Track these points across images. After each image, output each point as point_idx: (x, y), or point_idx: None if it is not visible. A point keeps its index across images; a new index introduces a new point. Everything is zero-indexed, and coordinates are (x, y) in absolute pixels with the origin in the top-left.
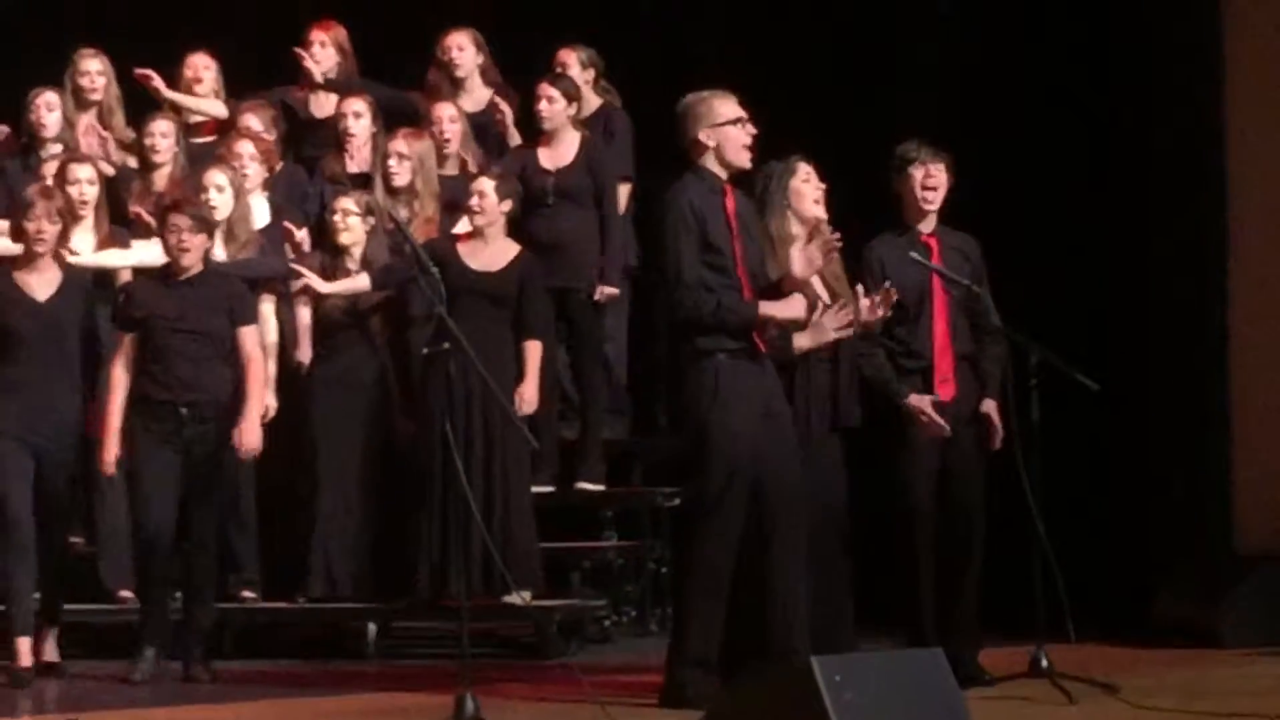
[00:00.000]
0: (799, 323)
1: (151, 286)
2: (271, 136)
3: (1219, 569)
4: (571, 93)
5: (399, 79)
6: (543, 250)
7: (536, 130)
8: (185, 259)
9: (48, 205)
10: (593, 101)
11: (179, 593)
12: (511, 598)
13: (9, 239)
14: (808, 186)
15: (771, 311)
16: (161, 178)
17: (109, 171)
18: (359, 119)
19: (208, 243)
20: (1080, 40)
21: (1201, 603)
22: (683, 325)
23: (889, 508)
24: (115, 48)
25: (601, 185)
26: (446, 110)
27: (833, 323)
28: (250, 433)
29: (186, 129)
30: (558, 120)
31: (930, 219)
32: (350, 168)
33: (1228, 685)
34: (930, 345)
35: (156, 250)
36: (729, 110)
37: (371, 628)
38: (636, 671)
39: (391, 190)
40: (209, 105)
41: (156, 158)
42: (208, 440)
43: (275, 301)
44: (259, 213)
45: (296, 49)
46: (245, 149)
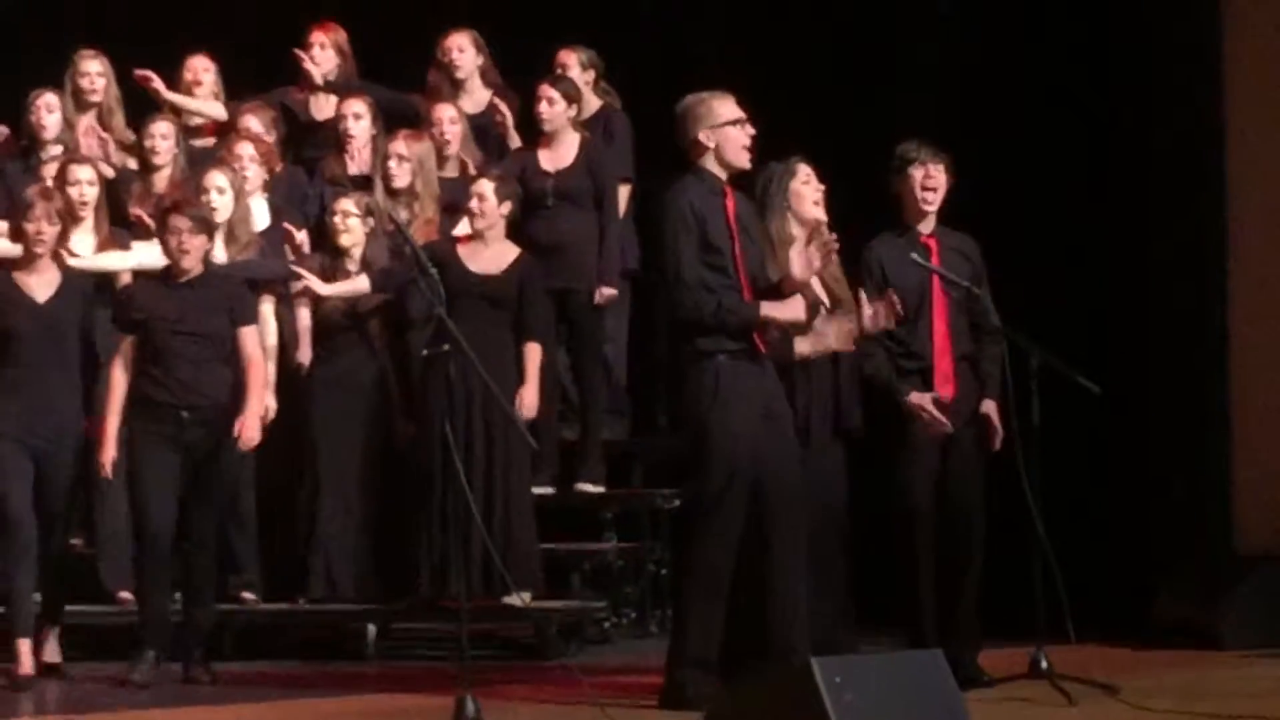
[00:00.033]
0: (799, 325)
1: (151, 288)
2: (271, 138)
3: (1219, 570)
4: (572, 94)
5: (399, 81)
6: (543, 252)
7: (536, 132)
8: (185, 261)
9: (47, 206)
10: (593, 103)
11: (179, 594)
12: (511, 599)
13: (8, 240)
14: (807, 188)
15: (772, 313)
16: (161, 179)
17: (109, 173)
18: (359, 120)
19: (208, 244)
20: (1080, 40)
21: (1201, 604)
22: (683, 326)
23: (889, 508)
24: (115, 49)
25: (601, 187)
26: (447, 112)
27: (835, 334)
28: (250, 427)
29: (186, 131)
30: (558, 122)
31: (930, 219)
32: (350, 169)
33: (1228, 686)
34: (930, 346)
35: (156, 252)
36: (728, 111)
37: (371, 629)
38: (636, 673)
39: (391, 192)
40: (209, 107)
41: (156, 159)
42: (207, 442)
43: (275, 303)
44: (259, 214)
45: (296, 51)
46: (245, 151)
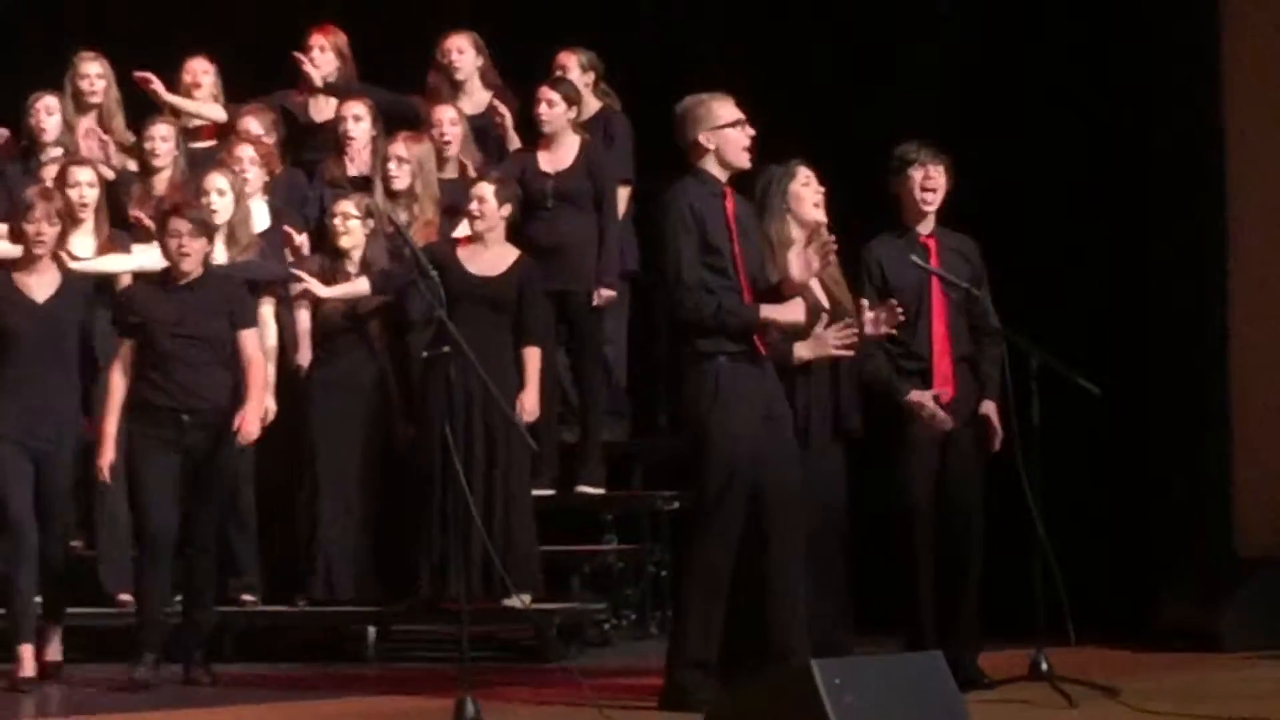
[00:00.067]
0: (799, 326)
1: (150, 291)
2: (271, 140)
3: (1219, 571)
4: (571, 96)
5: (398, 83)
6: (542, 253)
7: (536, 133)
8: (185, 264)
9: (47, 207)
10: (592, 105)
11: (179, 596)
12: (511, 601)
13: (8, 241)
14: (807, 190)
15: (772, 315)
16: (161, 181)
17: (109, 175)
18: (359, 122)
19: (208, 247)
20: (1080, 40)
21: (1202, 605)
22: (683, 327)
23: (888, 508)
24: (115, 51)
25: (601, 189)
26: (447, 113)
27: (835, 338)
28: (250, 421)
29: (185, 133)
30: (557, 123)
31: (929, 220)
32: (350, 171)
33: (1228, 688)
34: (929, 347)
35: (156, 254)
36: (728, 113)
37: (371, 631)
38: (636, 674)
39: (391, 194)
40: (208, 109)
41: (156, 161)
42: (207, 444)
43: (275, 304)
44: (259, 216)
45: (296, 53)
46: (245, 153)
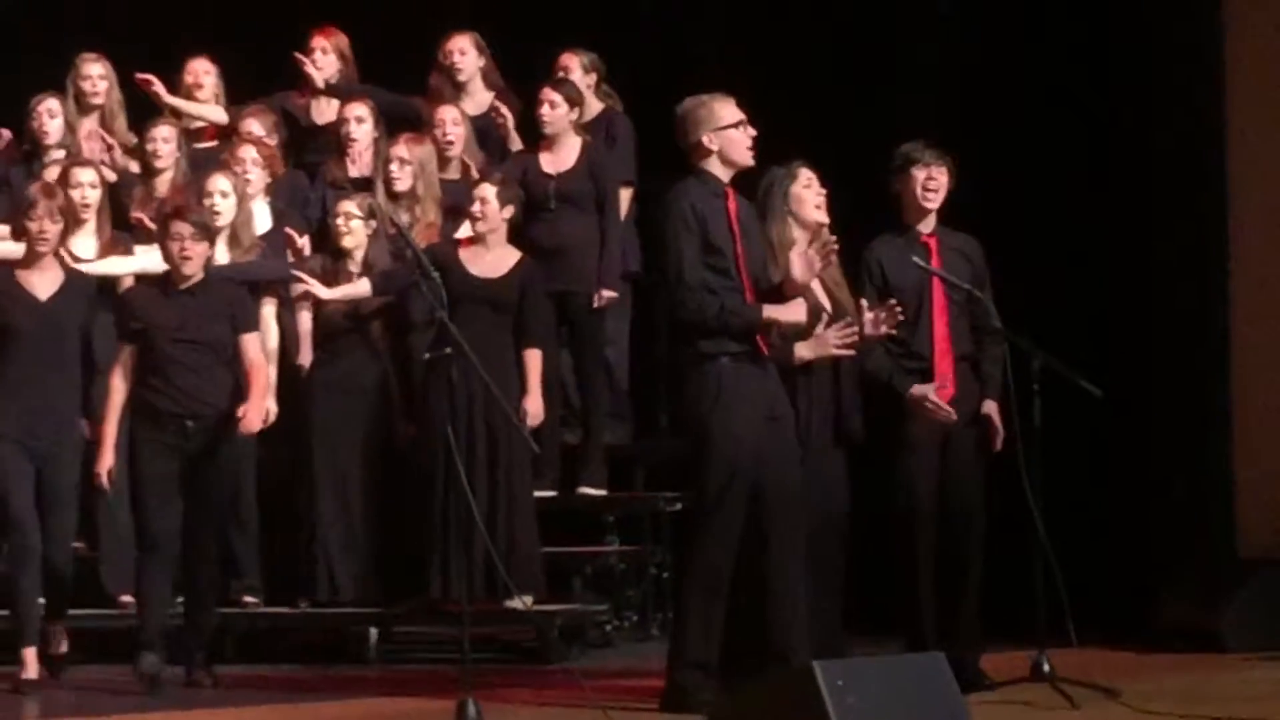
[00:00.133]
0: (801, 326)
1: (151, 296)
2: (273, 142)
3: (1220, 572)
4: (573, 97)
5: (399, 84)
6: (544, 255)
7: (538, 135)
8: (187, 267)
9: (49, 204)
10: (594, 106)
11: (180, 598)
12: (513, 602)
13: (11, 240)
14: (809, 192)
15: (774, 315)
16: (163, 183)
17: (111, 177)
18: (361, 124)
19: (209, 251)
20: (1080, 40)
21: (1203, 606)
22: (685, 328)
23: (889, 508)
24: (116, 52)
25: (603, 190)
26: (450, 113)
27: (836, 338)
28: (253, 412)
29: (186, 134)
30: (559, 125)
31: (930, 219)
32: (351, 172)
33: (1229, 690)
34: (930, 346)
35: (158, 256)
36: (729, 114)
37: (373, 633)
38: (638, 676)
39: (393, 195)
40: (209, 111)
41: (158, 163)
42: (209, 448)
43: (276, 305)
44: (261, 218)
45: (297, 54)
46: (248, 154)
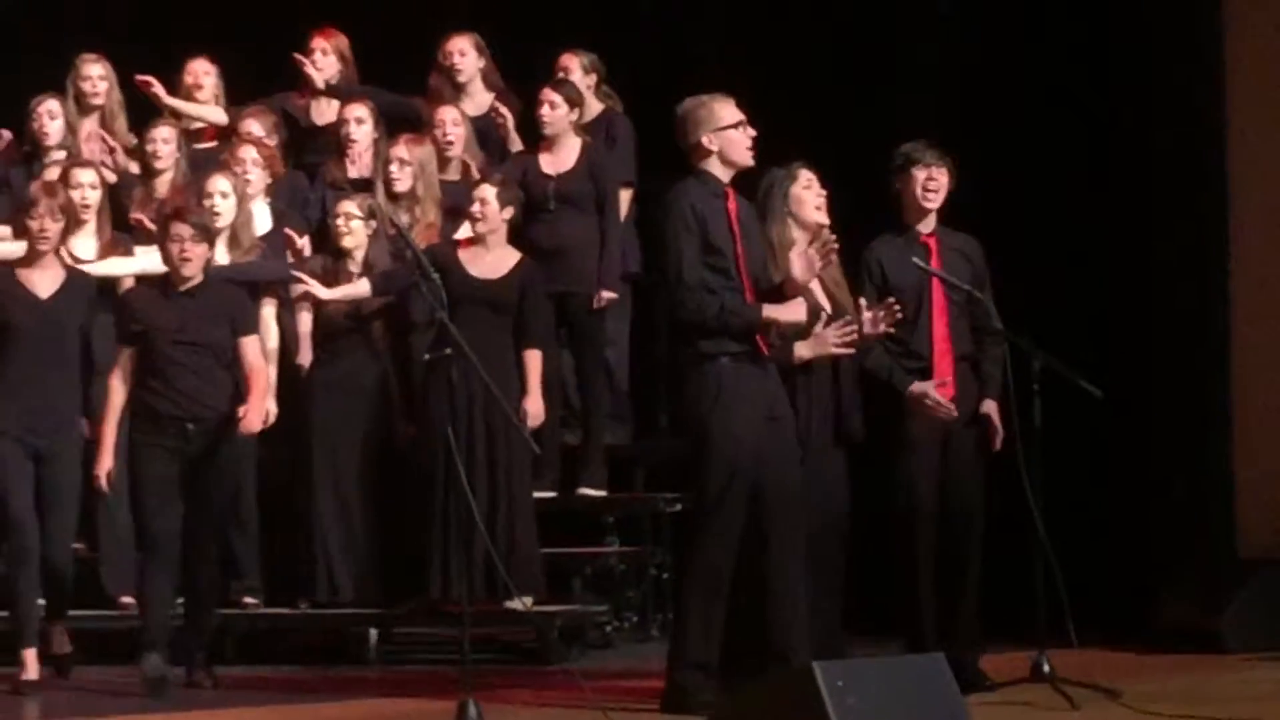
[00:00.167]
0: (801, 326)
1: (151, 298)
2: (273, 142)
3: (1221, 573)
4: (573, 98)
5: (399, 85)
6: (544, 255)
7: (538, 135)
8: (187, 269)
9: (51, 202)
10: (594, 107)
11: (181, 599)
12: (513, 603)
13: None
14: (809, 193)
15: (774, 314)
16: (163, 184)
17: (111, 178)
18: (361, 125)
19: (209, 253)
20: (1080, 40)
21: (1203, 607)
22: (685, 328)
23: (889, 508)
24: (116, 53)
25: (602, 190)
26: (450, 113)
27: (835, 337)
28: (254, 412)
29: (186, 135)
30: (559, 125)
31: (930, 219)
32: (351, 173)
33: (1230, 690)
34: (929, 346)
35: (158, 258)
36: (729, 114)
37: (373, 633)
38: (638, 677)
39: (393, 196)
40: (209, 111)
41: (158, 164)
42: (209, 450)
43: (276, 306)
44: (261, 219)
45: (297, 55)
46: (248, 154)
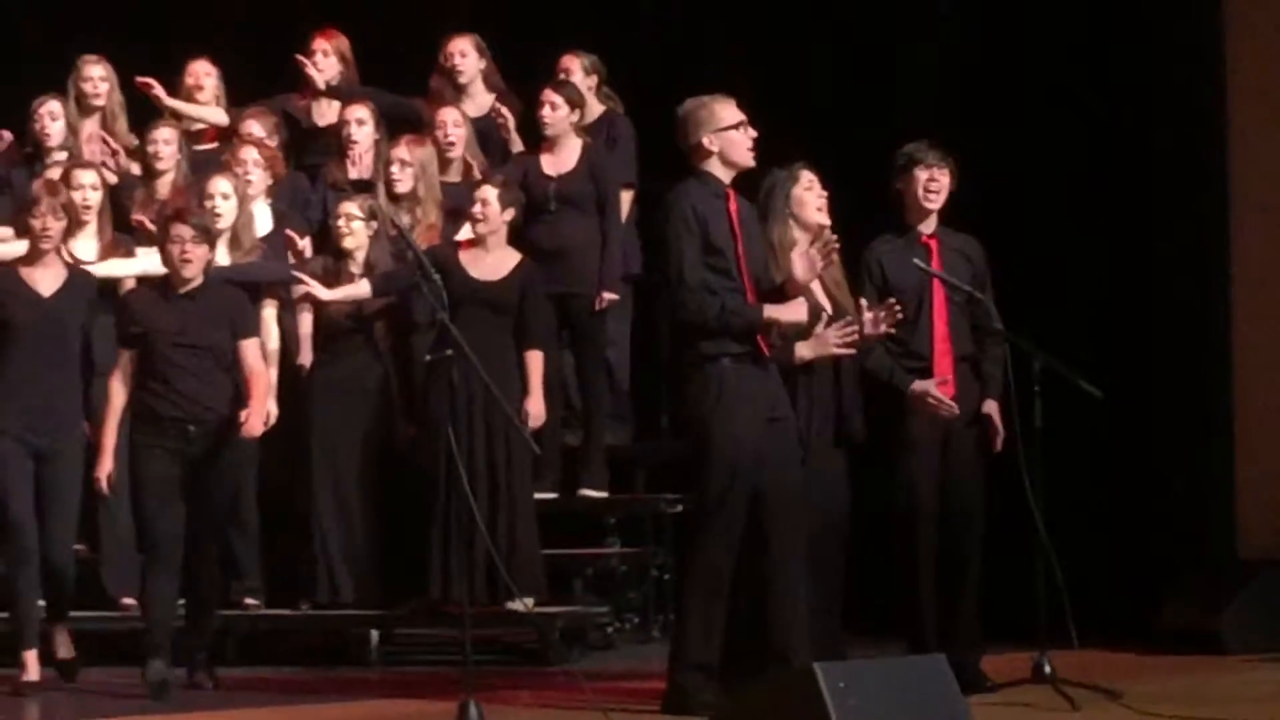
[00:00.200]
0: (802, 326)
1: (151, 300)
2: (274, 143)
3: (1222, 574)
4: (575, 99)
5: (400, 86)
6: (545, 257)
7: (539, 136)
8: (187, 270)
9: (53, 201)
10: (596, 108)
11: (182, 600)
12: (514, 604)
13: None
14: (810, 194)
15: (776, 314)
16: (164, 185)
17: (112, 179)
18: (362, 126)
19: (209, 254)
20: (1080, 40)
21: (1204, 608)
22: (686, 329)
23: (889, 508)
24: (117, 54)
25: (603, 192)
26: (451, 114)
27: (836, 337)
28: (256, 415)
29: (187, 136)
30: (560, 126)
31: (931, 220)
32: (352, 174)
33: (1230, 692)
34: (929, 346)
35: (159, 259)
36: (730, 115)
37: (374, 635)
38: (639, 678)
39: (394, 197)
40: (210, 113)
41: (160, 165)
42: (210, 452)
43: (277, 307)
44: (262, 220)
45: (298, 56)
46: (249, 155)
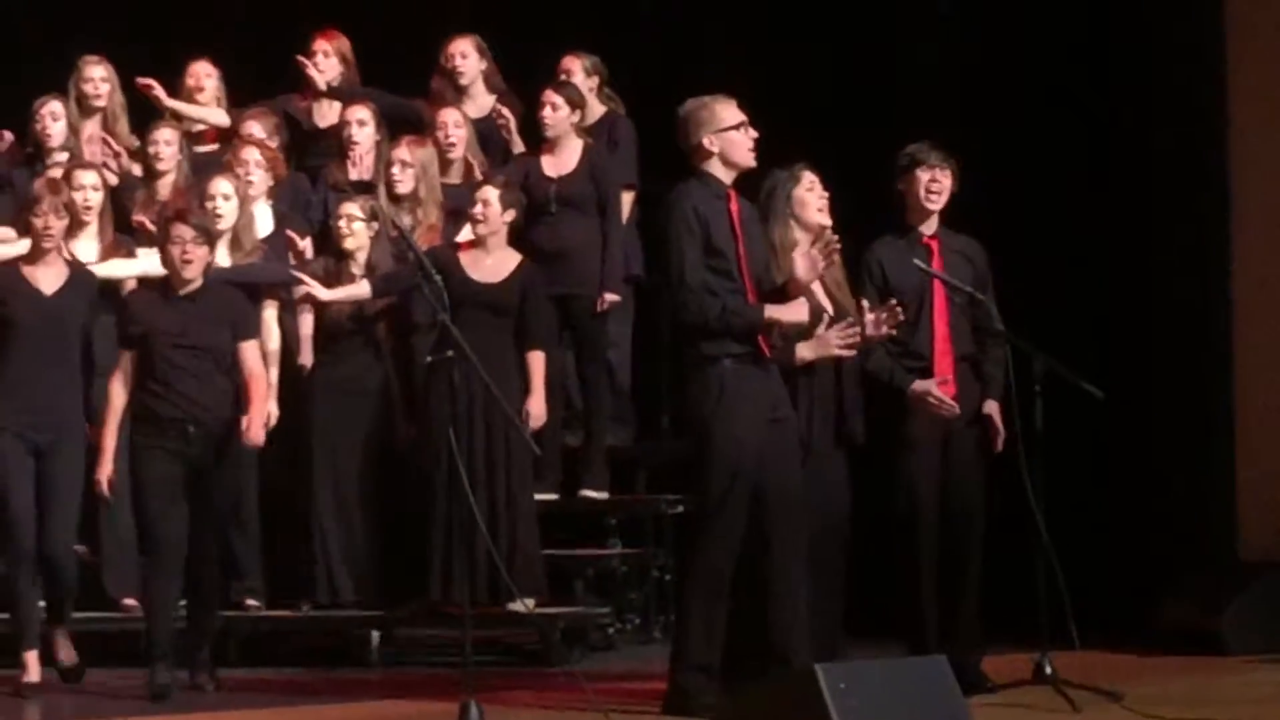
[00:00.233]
0: (803, 327)
1: (152, 301)
2: (275, 144)
3: (1222, 575)
4: (576, 100)
5: (401, 87)
6: (546, 258)
7: (540, 137)
8: (188, 271)
9: (54, 200)
10: (597, 109)
11: (183, 601)
12: (515, 605)
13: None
14: (811, 195)
15: (776, 315)
16: (165, 186)
17: (113, 180)
18: (363, 127)
19: (210, 255)
20: (1080, 40)
21: (1205, 609)
22: (687, 329)
23: (890, 509)
24: (117, 55)
25: (604, 193)
26: (452, 115)
27: (837, 338)
28: (257, 424)
29: (188, 137)
30: (561, 128)
31: (932, 220)
32: (353, 175)
33: (1231, 693)
34: (930, 346)
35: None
36: (730, 115)
37: (375, 635)
38: (640, 679)
39: (395, 197)
40: (210, 113)
41: (160, 166)
42: (210, 453)
43: (278, 308)
44: (262, 221)
45: (299, 57)
46: (251, 156)
